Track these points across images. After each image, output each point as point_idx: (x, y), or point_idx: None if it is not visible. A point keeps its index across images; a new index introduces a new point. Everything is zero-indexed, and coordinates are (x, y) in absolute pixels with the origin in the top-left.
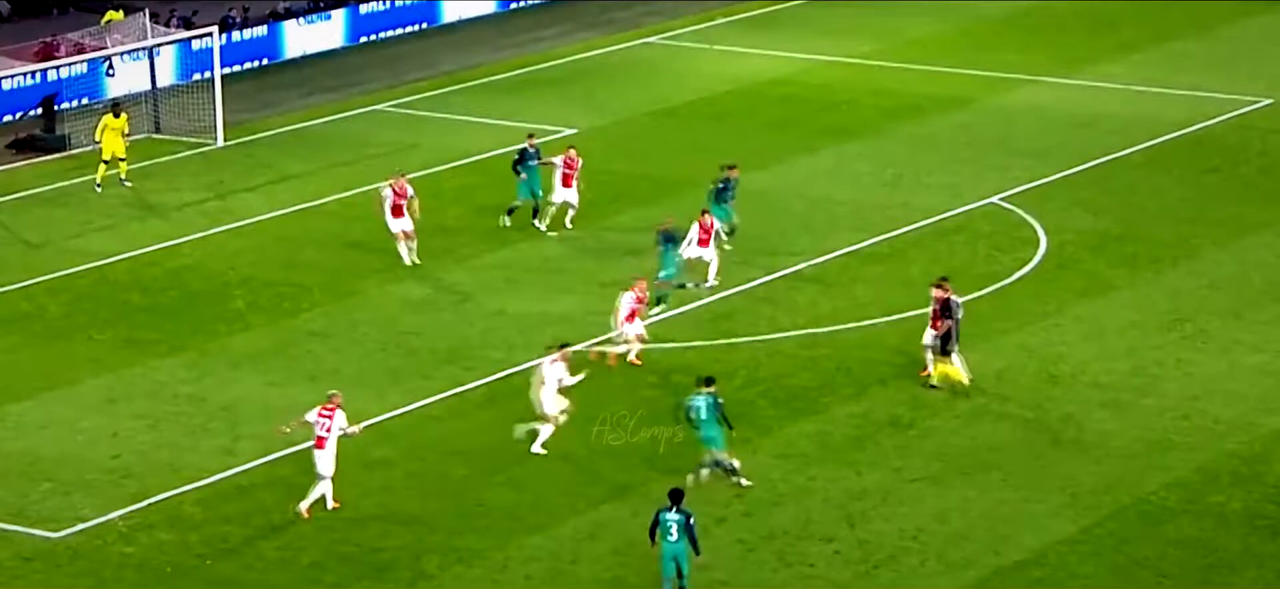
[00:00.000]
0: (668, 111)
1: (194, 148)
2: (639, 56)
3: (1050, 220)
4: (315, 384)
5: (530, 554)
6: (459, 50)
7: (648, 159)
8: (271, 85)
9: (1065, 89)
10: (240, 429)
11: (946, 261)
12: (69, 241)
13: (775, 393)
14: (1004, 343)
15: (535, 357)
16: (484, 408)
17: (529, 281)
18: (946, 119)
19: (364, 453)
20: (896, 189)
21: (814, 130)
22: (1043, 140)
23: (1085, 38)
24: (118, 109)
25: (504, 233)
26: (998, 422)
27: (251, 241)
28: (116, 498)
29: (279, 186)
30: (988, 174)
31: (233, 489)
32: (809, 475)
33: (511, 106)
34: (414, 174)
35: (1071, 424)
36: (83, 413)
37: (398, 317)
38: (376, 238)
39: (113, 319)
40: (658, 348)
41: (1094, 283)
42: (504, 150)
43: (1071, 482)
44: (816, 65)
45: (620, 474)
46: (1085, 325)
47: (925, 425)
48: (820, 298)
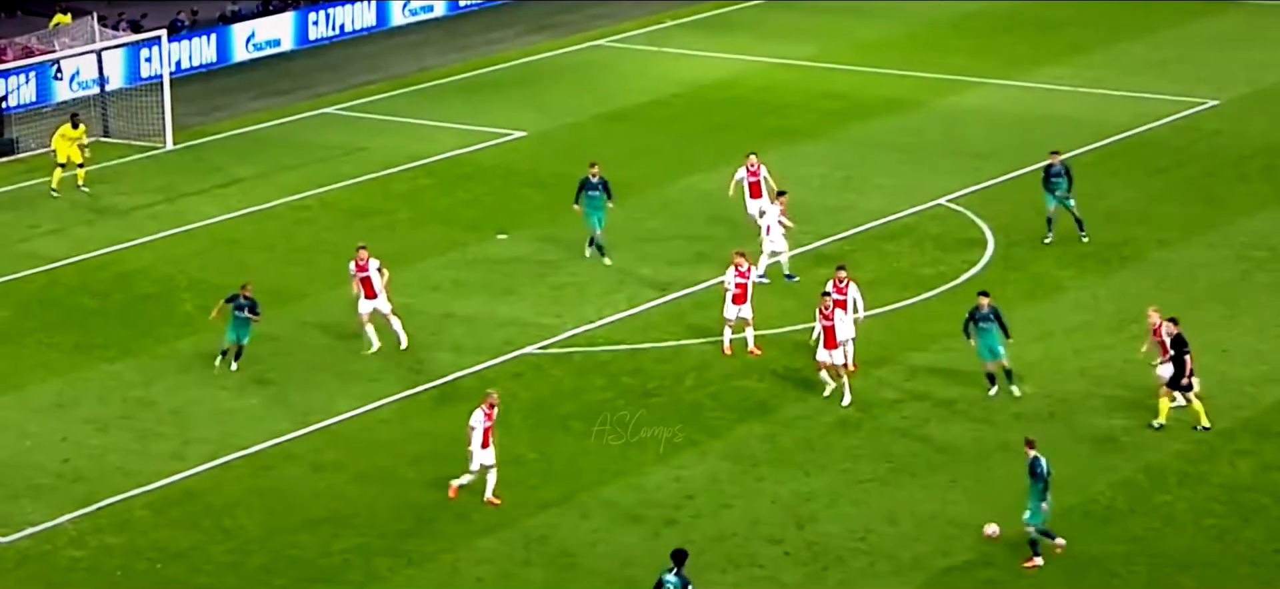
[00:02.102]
0: (617, 114)
1: (143, 151)
2: (588, 59)
3: (998, 221)
4: (264, 387)
5: (481, 556)
6: (407, 53)
7: (597, 161)
8: (220, 89)
9: (1012, 91)
10: (190, 433)
11: (894, 262)
12: (17, 245)
13: (724, 395)
14: (952, 344)
15: (484, 359)
16: (433, 410)
17: (477, 284)
18: (894, 121)
19: (314, 455)
20: (844, 191)
21: (762, 132)
22: (990, 142)
23: (1032, 40)
24: (76, 120)
25: (452, 235)
26: (946, 423)
27: (201, 245)
28: (66, 502)
29: (228, 190)
30: (935, 176)
31: (182, 493)
32: (758, 477)
33: (461, 109)
34: (363, 176)
35: (1019, 425)
36: (31, 417)
37: (346, 320)
38: (324, 242)
39: (62, 323)
40: (609, 350)
41: (1041, 284)
42: (453, 153)
43: (1019, 482)
44: (765, 67)
45: (570, 477)
46: (1033, 327)
47: (874, 427)
48: (769, 299)
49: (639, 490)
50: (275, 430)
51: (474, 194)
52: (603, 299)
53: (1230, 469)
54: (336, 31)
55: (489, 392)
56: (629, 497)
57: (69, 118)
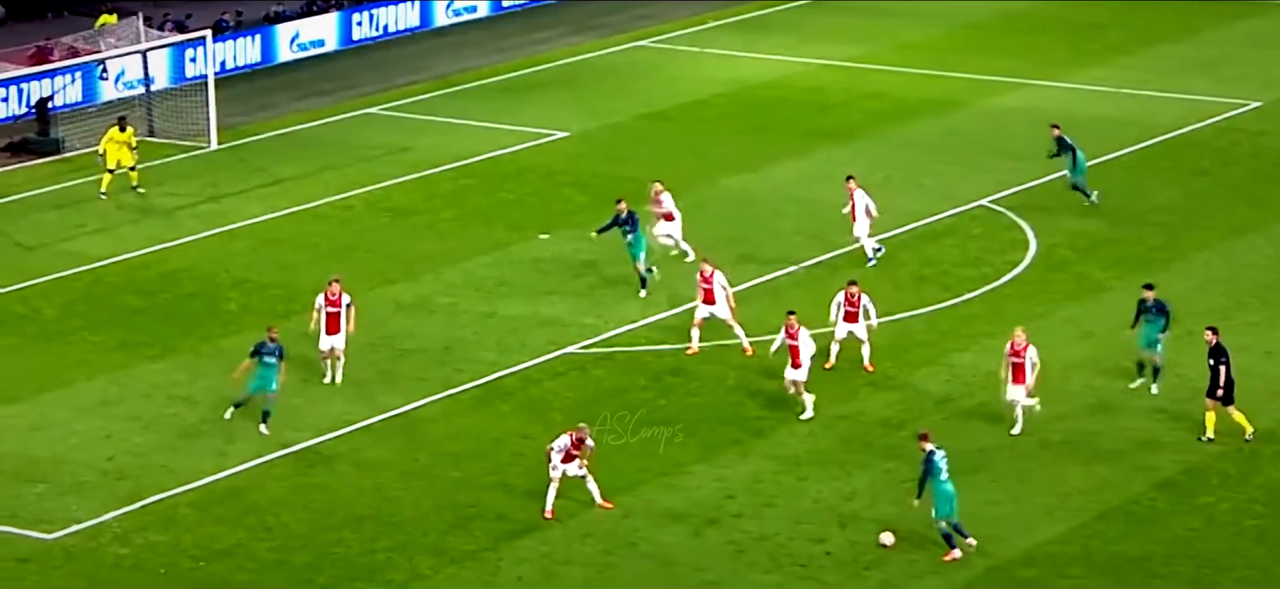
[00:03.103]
0: (660, 114)
1: (187, 151)
2: (631, 59)
3: (1040, 223)
4: (307, 386)
5: (522, 555)
6: (451, 53)
7: (639, 162)
8: (264, 89)
9: (1054, 92)
10: (233, 431)
11: (937, 263)
12: (63, 244)
13: (767, 394)
14: (994, 345)
15: (527, 358)
16: (476, 409)
17: (520, 284)
18: (936, 122)
19: (357, 454)
20: (887, 191)
21: (804, 133)
22: (1032, 143)
23: (1074, 41)
24: (123, 123)
25: (495, 235)
26: (987, 423)
27: (245, 244)
28: (110, 499)
29: (272, 189)
30: (978, 177)
31: (226, 491)
32: (800, 476)
33: (504, 109)
34: (406, 176)
35: (1060, 425)
36: (77, 415)
37: (389, 318)
38: (367, 241)
39: (107, 321)
40: (652, 350)
41: (1084, 285)
42: (496, 153)
43: (1060, 482)
44: (807, 68)
45: (610, 476)
46: (1075, 327)
47: (915, 427)
48: (810, 300)
49: (680, 490)
50: (319, 429)
51: (517, 194)
52: (644, 299)
53: (1273, 470)
54: (380, 32)
55: (580, 426)
56: (670, 496)
57: (117, 121)
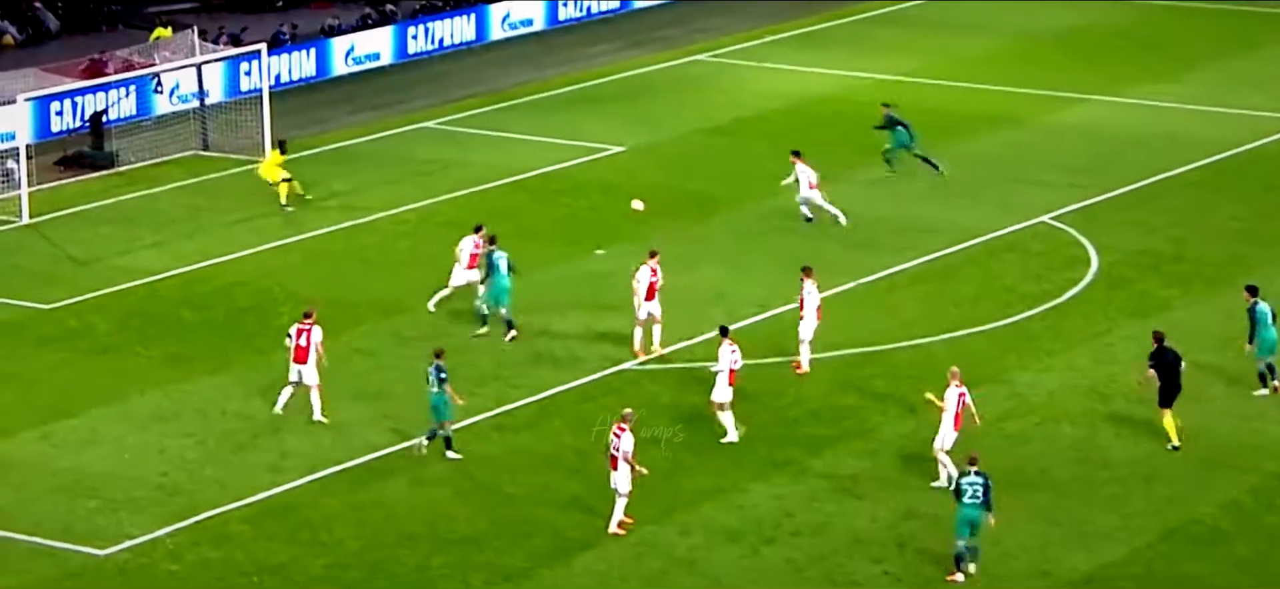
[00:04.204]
0: (716, 129)
1: (242, 165)
2: (688, 73)
3: (1101, 239)
4: (362, 403)
5: (578, 573)
6: (506, 67)
7: (697, 176)
8: (319, 102)
9: (1116, 107)
10: (287, 446)
11: (997, 280)
12: (117, 258)
13: (824, 412)
14: (1055, 363)
15: (582, 375)
16: (531, 426)
17: (575, 300)
18: (996, 137)
19: (412, 470)
20: (946, 207)
21: (862, 148)
22: (1093, 159)
23: (1137, 56)
24: (283, 147)
25: (550, 251)
26: (1048, 442)
27: (299, 258)
28: (164, 515)
29: (326, 203)
30: (1038, 192)
31: (280, 507)
32: (858, 495)
33: (559, 124)
34: (461, 191)
35: (1122, 444)
36: (130, 430)
37: (445, 332)
38: (422, 255)
39: (160, 336)
40: (707, 367)
41: (1146, 302)
42: (551, 167)
43: (1122, 502)
44: (865, 83)
45: (669, 494)
46: (1137, 345)
47: (975, 446)
48: (867, 317)
49: (738, 508)
50: (374, 444)
51: (572, 209)
52: (700, 314)
53: None
54: (435, 45)
55: (625, 411)
56: (728, 514)
57: (277, 145)
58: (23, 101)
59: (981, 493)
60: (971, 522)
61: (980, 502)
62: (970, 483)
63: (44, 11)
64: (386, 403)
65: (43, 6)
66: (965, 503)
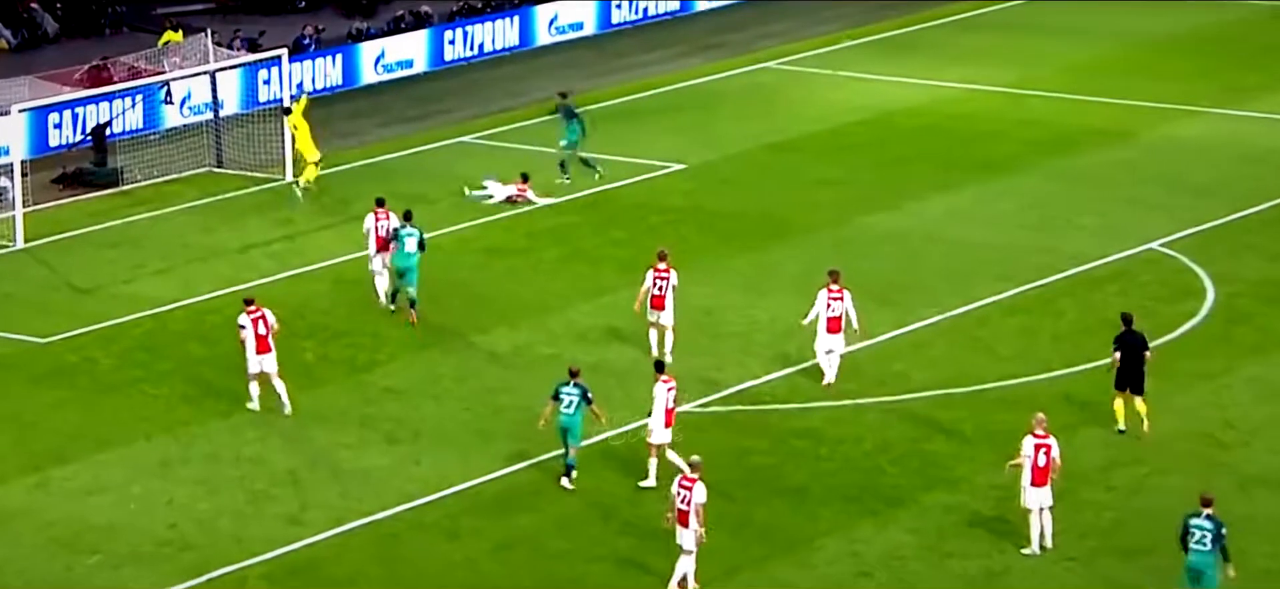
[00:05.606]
0: (787, 144)
1: (260, 183)
2: (755, 83)
3: (1218, 268)
4: (393, 447)
5: None
6: (553, 76)
7: (765, 196)
8: (346, 114)
9: (1237, 121)
10: (308, 496)
11: (1101, 313)
12: (121, 286)
13: (908, 459)
14: (1167, 406)
15: (637, 417)
16: (581, 473)
17: (629, 333)
18: (1102, 154)
19: (448, 523)
20: (1045, 232)
21: (952, 165)
22: (1210, 179)
23: (1259, 64)
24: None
25: (602, 281)
26: (1160, 494)
27: (322, 286)
28: (172, 572)
29: (353, 226)
30: (1148, 216)
31: (301, 562)
32: (945, 552)
33: (612, 138)
34: (504, 213)
35: (1243, 498)
36: (136, 476)
37: (483, 371)
38: (460, 284)
39: (169, 373)
40: (776, 409)
41: (1268, 339)
42: (604, 187)
43: (1243, 561)
44: (956, 94)
45: (735, 551)
46: (1258, 386)
47: (1075, 500)
48: (958, 353)
49: (810, 566)
50: (405, 494)
51: (627, 233)
52: (769, 351)
53: None
54: (475, 51)
55: (693, 458)
56: (799, 574)
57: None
58: (17, 113)
59: (1210, 539)
60: (1197, 571)
61: (1208, 549)
62: (1198, 526)
63: (41, 13)
64: (418, 447)
65: (40, 8)
66: (1193, 547)
